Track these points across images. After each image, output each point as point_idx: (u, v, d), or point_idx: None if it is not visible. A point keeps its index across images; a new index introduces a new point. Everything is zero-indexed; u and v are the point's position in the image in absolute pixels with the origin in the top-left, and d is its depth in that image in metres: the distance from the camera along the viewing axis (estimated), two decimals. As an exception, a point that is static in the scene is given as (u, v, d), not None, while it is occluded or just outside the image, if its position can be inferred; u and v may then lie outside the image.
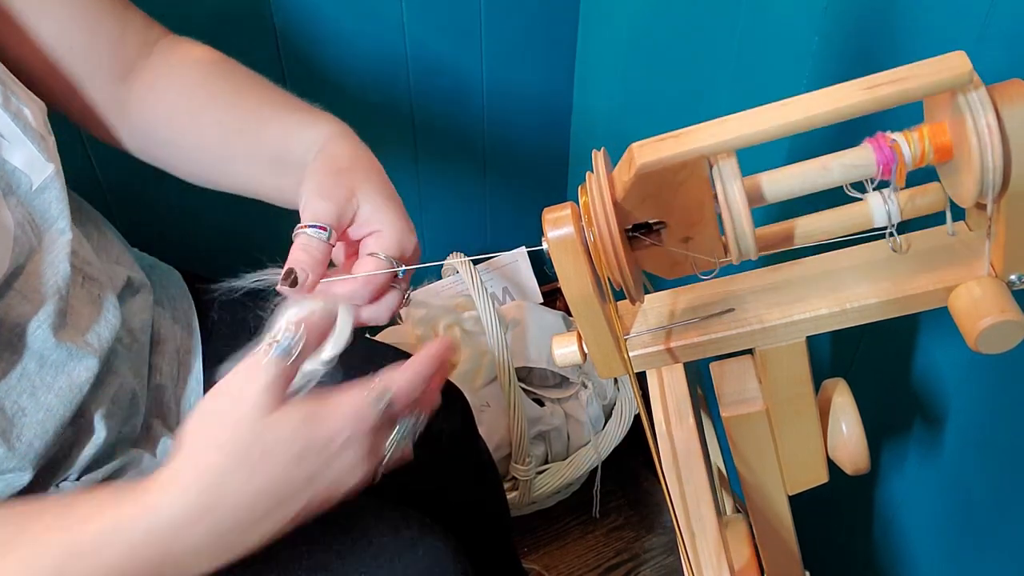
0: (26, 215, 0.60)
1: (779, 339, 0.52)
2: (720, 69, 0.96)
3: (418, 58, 1.15)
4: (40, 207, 0.61)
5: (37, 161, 0.60)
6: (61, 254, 0.61)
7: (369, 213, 0.58)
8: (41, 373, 0.60)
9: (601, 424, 1.28)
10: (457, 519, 0.81)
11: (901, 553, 0.97)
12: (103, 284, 0.66)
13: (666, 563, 1.27)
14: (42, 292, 0.60)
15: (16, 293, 0.59)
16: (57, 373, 0.60)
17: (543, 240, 0.46)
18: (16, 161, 0.59)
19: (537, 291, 1.39)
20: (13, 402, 0.58)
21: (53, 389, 0.60)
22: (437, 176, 1.29)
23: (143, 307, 0.72)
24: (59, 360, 0.60)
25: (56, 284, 0.61)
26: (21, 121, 0.59)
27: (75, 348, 0.61)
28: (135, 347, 0.69)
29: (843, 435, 0.58)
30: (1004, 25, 0.64)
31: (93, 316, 0.64)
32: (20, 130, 0.59)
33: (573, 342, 0.53)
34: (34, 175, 0.60)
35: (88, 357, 0.62)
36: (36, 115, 0.61)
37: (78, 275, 0.63)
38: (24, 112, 0.60)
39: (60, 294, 0.61)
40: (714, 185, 0.44)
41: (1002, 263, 0.47)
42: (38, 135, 0.60)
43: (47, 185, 0.61)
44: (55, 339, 0.60)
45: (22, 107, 0.60)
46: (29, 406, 0.59)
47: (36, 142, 0.60)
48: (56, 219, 0.62)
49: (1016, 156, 0.41)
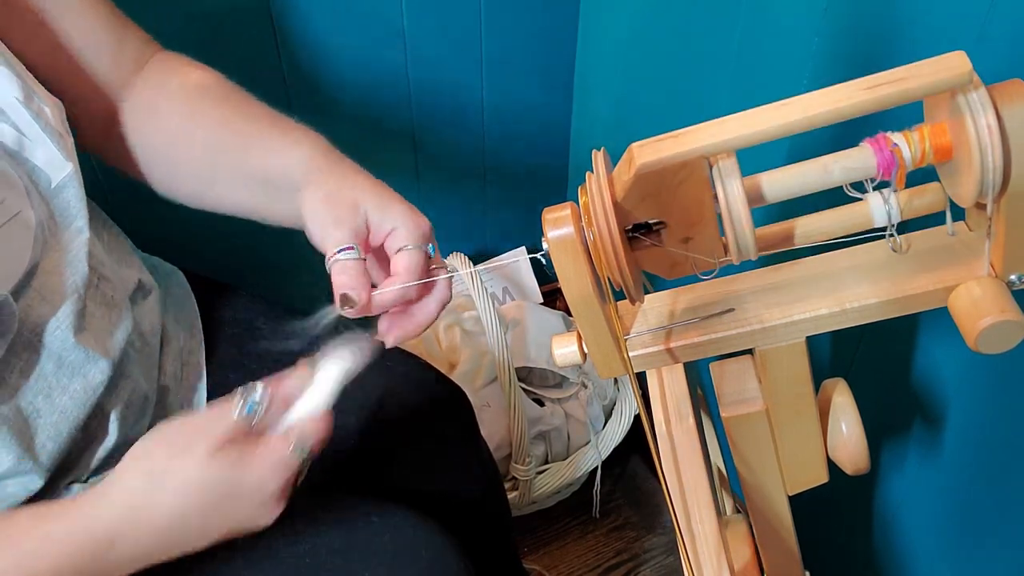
0: (46, 213, 0.60)
1: (779, 339, 0.52)
2: (720, 70, 0.96)
3: (418, 58, 1.15)
4: (60, 205, 0.61)
5: (56, 159, 0.61)
6: (80, 253, 0.62)
7: (377, 216, 0.59)
8: (58, 375, 0.60)
9: (601, 424, 1.28)
10: (458, 519, 0.80)
11: (901, 553, 0.97)
12: (116, 285, 0.66)
13: (666, 563, 1.27)
14: (61, 292, 0.60)
15: (35, 293, 0.59)
16: (73, 375, 0.61)
17: (543, 240, 0.46)
18: (37, 159, 0.60)
19: (537, 291, 1.39)
20: (29, 402, 0.59)
21: (68, 391, 0.60)
22: (437, 176, 1.29)
23: (152, 309, 0.72)
24: (76, 362, 0.61)
25: (75, 284, 0.61)
26: (42, 119, 0.60)
27: (91, 351, 0.61)
28: (146, 350, 0.69)
29: (843, 435, 0.58)
30: (1004, 25, 0.64)
31: (108, 318, 0.64)
32: (40, 128, 0.60)
33: (573, 342, 0.53)
34: (53, 173, 0.61)
35: (102, 360, 0.62)
36: (55, 114, 0.61)
37: (94, 275, 0.64)
38: (45, 111, 0.60)
39: (78, 294, 0.61)
40: (714, 185, 0.44)
41: (1002, 263, 0.47)
42: (57, 134, 0.61)
43: (66, 184, 0.61)
44: (74, 340, 0.60)
45: (43, 106, 0.60)
46: (44, 408, 0.59)
47: (56, 141, 0.60)
48: (75, 218, 0.62)
49: (1016, 156, 0.41)
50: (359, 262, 0.57)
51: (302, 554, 0.65)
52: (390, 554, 0.65)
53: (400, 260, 0.58)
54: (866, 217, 0.47)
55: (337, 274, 0.56)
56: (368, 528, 0.67)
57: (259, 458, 0.53)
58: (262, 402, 0.54)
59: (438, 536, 0.67)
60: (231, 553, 0.65)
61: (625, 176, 0.43)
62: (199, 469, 0.52)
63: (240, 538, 0.66)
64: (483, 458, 0.87)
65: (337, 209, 0.58)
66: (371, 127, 1.19)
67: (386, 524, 0.67)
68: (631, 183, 0.43)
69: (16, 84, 0.59)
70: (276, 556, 0.65)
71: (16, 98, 0.58)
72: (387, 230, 0.59)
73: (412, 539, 0.66)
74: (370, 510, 0.68)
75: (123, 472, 0.54)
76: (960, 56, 0.40)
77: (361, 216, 0.59)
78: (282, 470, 0.53)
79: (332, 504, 0.69)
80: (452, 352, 1.24)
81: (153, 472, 0.53)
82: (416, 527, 0.67)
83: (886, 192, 0.46)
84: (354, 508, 0.69)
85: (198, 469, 0.52)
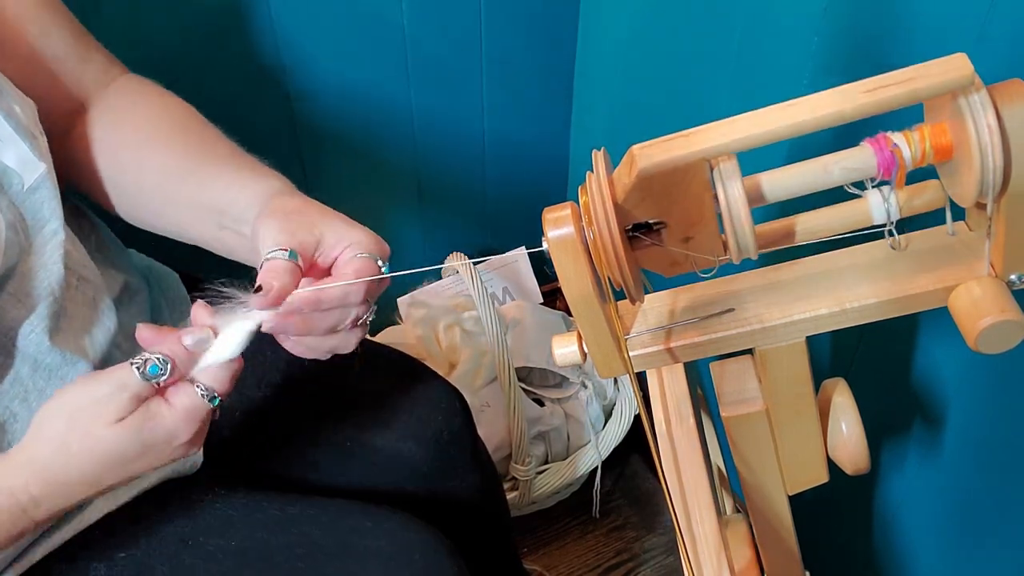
0: (17, 215, 0.59)
1: (779, 339, 0.52)
2: (720, 70, 0.96)
3: (418, 58, 1.15)
4: (32, 207, 0.60)
5: (29, 160, 0.59)
6: (54, 255, 0.61)
7: (333, 237, 0.57)
8: (34, 378, 0.59)
9: (601, 424, 1.28)
10: (457, 520, 0.80)
11: (901, 553, 0.97)
12: (98, 287, 0.65)
13: (666, 563, 1.27)
14: (35, 294, 0.59)
15: (8, 296, 0.58)
16: (50, 378, 0.60)
17: (543, 240, 0.46)
18: (8, 160, 0.58)
19: (537, 291, 1.39)
20: (4, 407, 0.58)
21: (45, 394, 0.60)
22: (437, 176, 1.29)
23: (140, 311, 0.72)
24: (52, 365, 0.60)
25: (49, 286, 0.60)
26: (13, 119, 0.59)
27: (69, 353, 0.61)
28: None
29: (843, 435, 0.58)
30: (1004, 25, 0.64)
31: (88, 320, 0.64)
32: (12, 128, 0.58)
33: (573, 342, 0.53)
34: (26, 174, 0.60)
35: (82, 362, 0.61)
36: (27, 113, 0.61)
37: (72, 276, 0.63)
38: (16, 110, 0.59)
39: (53, 296, 0.60)
40: (714, 185, 0.44)
41: (1002, 263, 0.47)
42: (29, 134, 0.60)
43: (39, 185, 0.60)
44: (49, 343, 0.60)
45: (13, 105, 0.59)
46: (21, 412, 0.59)
47: (28, 141, 0.59)
48: (48, 219, 0.61)
49: (1016, 156, 0.41)
50: (290, 263, 0.55)
51: (296, 558, 0.65)
52: (384, 558, 0.65)
53: (347, 263, 0.57)
54: (865, 214, 0.47)
55: (264, 271, 0.54)
56: (361, 532, 0.67)
57: (167, 411, 0.53)
58: (163, 368, 0.53)
59: (432, 539, 0.67)
60: (223, 556, 0.65)
61: (626, 179, 0.43)
62: (105, 441, 0.52)
63: (235, 541, 0.66)
64: (481, 460, 0.87)
65: (290, 223, 0.57)
66: (371, 127, 1.19)
67: (379, 528, 0.67)
68: (633, 184, 0.43)
69: None
70: (270, 560, 0.65)
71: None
72: (342, 247, 0.57)
73: (405, 543, 0.66)
74: (363, 514, 0.68)
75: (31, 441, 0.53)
76: (961, 58, 0.40)
77: (315, 233, 0.57)
78: (191, 419, 0.53)
79: (326, 507, 0.69)
80: (452, 352, 1.24)
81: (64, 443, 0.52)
82: (409, 530, 0.67)
83: (885, 190, 0.46)
84: (348, 511, 0.69)
85: (104, 441, 0.52)
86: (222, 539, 0.66)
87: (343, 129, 1.16)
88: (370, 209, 1.28)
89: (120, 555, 0.65)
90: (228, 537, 0.66)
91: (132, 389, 0.52)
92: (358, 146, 1.20)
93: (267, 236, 0.56)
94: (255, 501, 0.69)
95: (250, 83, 1.07)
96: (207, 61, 1.04)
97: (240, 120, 0.70)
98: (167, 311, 0.76)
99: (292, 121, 1.12)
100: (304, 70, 1.09)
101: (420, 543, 0.67)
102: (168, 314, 0.76)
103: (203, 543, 0.66)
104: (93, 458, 0.52)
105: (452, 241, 1.35)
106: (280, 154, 1.15)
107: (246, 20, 1.02)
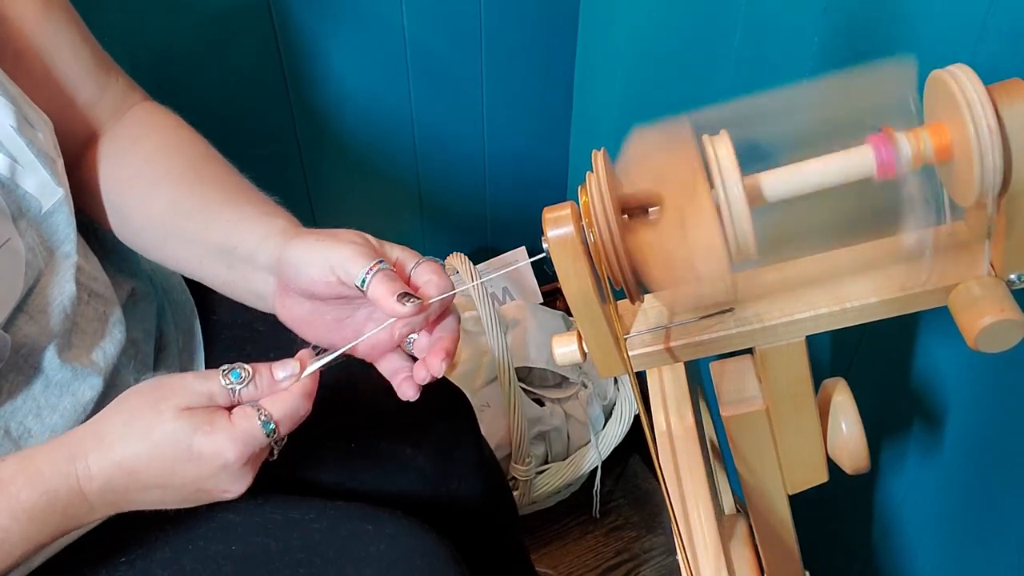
0: (36, 238, 0.60)
1: (779, 338, 0.52)
2: (720, 70, 0.96)
3: (418, 58, 1.15)
4: (48, 230, 0.61)
5: (48, 185, 0.60)
6: (67, 275, 0.62)
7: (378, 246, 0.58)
8: (46, 394, 0.60)
9: (601, 424, 1.28)
10: (461, 522, 0.80)
11: (901, 553, 0.97)
12: (108, 300, 0.66)
13: (666, 563, 1.27)
14: (48, 313, 0.60)
15: (24, 315, 0.59)
16: (62, 394, 0.61)
17: (543, 240, 0.46)
18: (28, 186, 0.59)
19: (537, 291, 1.39)
20: (19, 423, 0.59)
21: (58, 410, 0.60)
22: (437, 176, 1.29)
23: (146, 315, 0.72)
24: (64, 380, 0.61)
25: (62, 304, 0.61)
26: (35, 146, 0.59)
27: (80, 367, 0.61)
28: (140, 356, 0.69)
29: (843, 435, 0.58)
30: (1004, 25, 0.64)
31: (98, 334, 0.64)
32: (34, 155, 0.59)
33: (573, 342, 0.53)
34: (44, 199, 0.60)
35: (92, 376, 0.62)
36: (47, 136, 0.61)
37: (83, 292, 0.63)
38: (39, 137, 0.60)
39: (66, 314, 0.61)
40: (714, 185, 0.44)
41: (1002, 262, 0.47)
42: (49, 159, 0.60)
43: (56, 208, 0.61)
44: (60, 360, 0.60)
45: (36, 131, 0.60)
46: (35, 428, 0.60)
47: (47, 165, 0.60)
48: (63, 242, 0.62)
49: (1016, 156, 0.41)
50: (391, 270, 0.55)
51: (296, 563, 0.65)
52: (384, 562, 0.64)
53: (425, 270, 0.57)
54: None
55: (381, 282, 0.54)
56: (362, 536, 0.66)
57: (223, 426, 0.53)
58: (245, 376, 0.54)
59: (434, 545, 0.67)
60: (224, 562, 0.65)
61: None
62: (164, 421, 0.52)
63: (235, 546, 0.66)
64: (485, 459, 0.87)
65: (342, 242, 0.56)
66: (371, 127, 1.19)
67: (381, 533, 0.67)
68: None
69: (10, 111, 0.58)
70: (270, 564, 0.65)
71: (11, 126, 0.58)
72: (393, 258, 0.58)
73: (406, 547, 0.66)
74: (365, 518, 0.68)
75: (106, 412, 0.54)
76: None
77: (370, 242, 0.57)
78: (243, 442, 0.53)
79: (327, 512, 0.69)
80: (452, 352, 1.24)
81: (131, 414, 0.53)
82: (410, 534, 0.67)
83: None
84: (349, 516, 0.69)
85: (163, 420, 0.52)
86: (223, 544, 0.66)
87: (343, 129, 1.17)
88: (371, 209, 1.29)
89: (121, 560, 0.65)
90: (228, 542, 0.66)
91: (210, 387, 0.53)
92: (358, 147, 1.20)
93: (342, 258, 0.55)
94: (256, 505, 0.69)
95: (251, 86, 1.08)
96: (208, 65, 1.04)
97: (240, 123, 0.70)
98: (171, 312, 0.76)
99: (292, 122, 1.12)
100: (304, 72, 1.09)
101: (422, 548, 0.66)
102: (172, 318, 0.76)
103: (204, 548, 0.66)
104: (150, 436, 0.52)
105: (452, 241, 1.35)
106: (280, 155, 1.16)
107: (247, 24, 1.03)
